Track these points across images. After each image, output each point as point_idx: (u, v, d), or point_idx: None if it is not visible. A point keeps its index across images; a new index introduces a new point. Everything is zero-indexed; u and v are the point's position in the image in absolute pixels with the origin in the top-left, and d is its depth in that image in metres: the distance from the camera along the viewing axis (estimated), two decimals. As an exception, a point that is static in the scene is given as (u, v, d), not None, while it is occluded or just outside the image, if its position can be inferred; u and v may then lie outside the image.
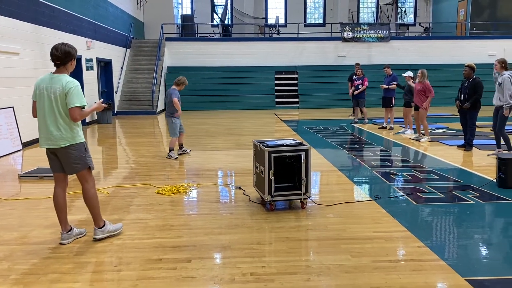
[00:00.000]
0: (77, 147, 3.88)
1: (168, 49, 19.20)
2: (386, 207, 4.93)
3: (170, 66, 19.15)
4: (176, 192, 5.58)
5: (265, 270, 3.38)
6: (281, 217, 4.62)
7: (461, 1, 22.59)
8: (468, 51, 19.58)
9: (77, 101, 3.76)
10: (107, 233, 4.04)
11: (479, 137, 9.67)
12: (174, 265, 3.48)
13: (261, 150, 4.82)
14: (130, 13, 18.79)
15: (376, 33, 19.75)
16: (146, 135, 11.73)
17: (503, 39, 20.07)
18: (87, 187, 3.97)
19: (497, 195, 5.39)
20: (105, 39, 15.23)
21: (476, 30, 21.81)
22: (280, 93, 18.99)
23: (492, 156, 7.61)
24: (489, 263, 3.60)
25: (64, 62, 3.84)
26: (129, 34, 18.39)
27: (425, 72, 9.49)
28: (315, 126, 12.41)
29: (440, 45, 19.97)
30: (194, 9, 24.25)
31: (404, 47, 19.89)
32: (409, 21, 25.57)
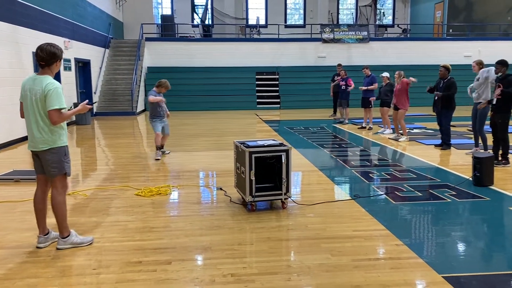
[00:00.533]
0: (57, 151, 3.79)
1: (148, 49, 19.02)
2: (366, 206, 4.99)
3: (150, 66, 18.98)
4: (156, 194, 5.53)
5: (246, 271, 3.39)
6: (262, 218, 4.63)
7: (438, 3, 23.04)
8: (445, 52, 19.98)
9: (56, 103, 3.66)
10: (69, 244, 3.84)
11: (456, 137, 9.89)
12: (154, 268, 3.46)
13: (242, 150, 4.82)
14: (109, 12, 18.54)
15: (356, 34, 19.99)
16: (125, 136, 11.60)
17: (478, 41, 20.55)
18: (55, 193, 3.83)
19: (473, 193, 5.51)
20: (84, 39, 15.00)
21: (452, 32, 22.27)
22: (261, 93, 19.03)
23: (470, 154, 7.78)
24: (465, 260, 3.68)
25: (49, 63, 3.76)
26: (108, 34, 18.15)
27: (402, 73, 9.67)
28: (296, 127, 12.47)
29: (417, 46, 20.33)
30: (174, 9, 24.09)
31: (382, 48, 20.18)
32: (388, 22, 25.93)
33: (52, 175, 3.82)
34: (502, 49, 19.12)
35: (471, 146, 8.18)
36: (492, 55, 10.37)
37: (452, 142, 8.78)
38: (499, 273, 3.38)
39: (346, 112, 13.02)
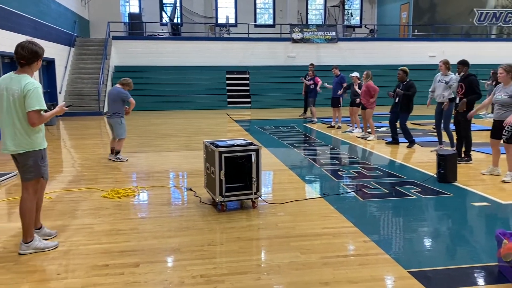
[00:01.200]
0: (34, 155, 3.66)
1: (115, 48, 18.65)
2: (334, 204, 5.06)
3: (117, 65, 18.61)
4: (123, 196, 5.43)
5: (216, 271, 3.37)
6: (233, 217, 4.62)
7: (403, 4, 23.60)
8: (410, 52, 20.52)
9: (36, 104, 3.51)
10: (32, 249, 3.71)
11: (421, 135, 10.17)
12: (122, 270, 3.39)
13: (212, 150, 4.79)
14: (74, 10, 18.07)
15: (324, 34, 20.24)
16: (92, 137, 11.33)
17: (442, 41, 21.20)
18: (25, 198, 3.72)
19: (437, 190, 5.68)
20: (47, 37, 14.55)
21: (417, 33, 22.87)
22: (232, 93, 18.98)
23: (435, 152, 8.01)
24: (431, 254, 3.78)
25: (30, 62, 3.62)
26: (73, 32, 17.69)
27: (370, 73, 9.85)
28: (267, 126, 12.51)
29: (384, 47, 20.78)
30: (142, 7, 23.70)
31: (350, 48, 20.51)
32: (355, 23, 26.39)
33: (27, 179, 3.70)
34: (465, 49, 19.77)
35: (436, 144, 8.42)
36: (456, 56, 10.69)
37: (417, 140, 9.03)
38: (462, 266, 3.49)
39: (313, 111, 13.16)
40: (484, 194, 5.45)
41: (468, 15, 23.10)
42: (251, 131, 11.53)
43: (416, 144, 8.88)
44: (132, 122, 13.05)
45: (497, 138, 6.14)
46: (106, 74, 17.16)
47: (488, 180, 6.13)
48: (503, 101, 5.92)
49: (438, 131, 8.18)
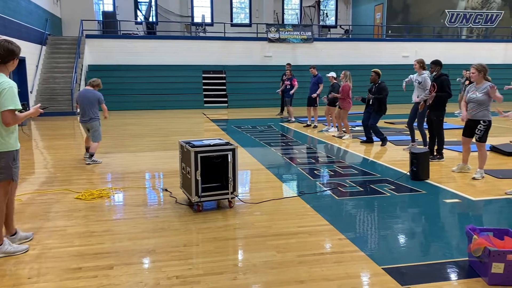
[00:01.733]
0: (6, 156, 3.56)
1: (89, 47, 18.30)
2: (310, 202, 5.09)
3: (91, 64, 18.26)
4: (97, 197, 5.33)
5: (192, 272, 3.34)
6: (209, 218, 4.60)
7: (377, 5, 23.98)
8: (384, 52, 20.87)
9: (11, 103, 3.43)
10: (2, 253, 3.62)
11: (394, 134, 10.36)
12: (95, 273, 3.32)
13: (187, 150, 4.76)
14: (45, 8, 17.62)
15: (300, 34, 20.36)
16: (65, 137, 11.08)
17: (415, 42, 21.63)
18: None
19: (411, 187, 5.79)
20: (17, 35, 14.13)
21: (391, 33, 23.28)
22: (208, 92, 18.90)
23: (407, 150, 8.18)
24: (404, 251, 3.85)
25: (6, 60, 3.54)
26: (45, 30, 17.25)
27: (348, 73, 9.96)
28: (244, 125, 12.51)
29: (359, 47, 21.05)
30: (116, 6, 23.32)
31: (326, 48, 20.70)
32: (331, 23, 26.66)
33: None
34: (437, 50, 20.25)
35: (408, 142, 8.58)
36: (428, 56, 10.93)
37: (390, 139, 9.20)
38: (435, 262, 3.56)
39: (290, 111, 13.24)
40: (456, 191, 5.59)
41: (440, 16, 23.66)
42: (228, 131, 11.50)
43: (390, 143, 9.04)
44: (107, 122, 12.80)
45: (469, 136, 6.30)
46: (79, 73, 16.82)
47: (459, 178, 6.29)
48: (476, 100, 6.07)
49: (410, 128, 8.35)
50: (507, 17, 24.38)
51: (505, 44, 22.83)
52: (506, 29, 24.29)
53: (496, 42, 23.13)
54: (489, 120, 6.04)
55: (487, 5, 24.19)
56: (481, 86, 6.06)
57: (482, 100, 5.99)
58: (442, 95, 7.13)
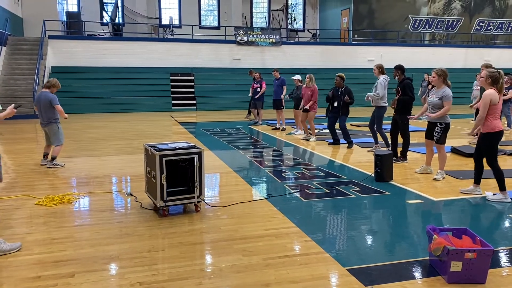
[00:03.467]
0: None
1: (52, 48, 17.77)
2: (277, 205, 5.11)
3: (54, 66, 17.73)
4: (59, 203, 5.16)
5: (156, 278, 3.28)
6: (175, 222, 4.54)
7: (344, 9, 24.42)
8: (350, 56, 21.27)
9: None
10: None
11: (359, 136, 10.55)
12: (55, 282, 3.21)
13: (152, 154, 4.68)
14: (5, 7, 17.00)
15: (269, 37, 20.47)
16: (26, 141, 10.70)
17: (380, 46, 22.16)
18: None
19: (375, 189, 5.91)
20: (-25, 35, 13.60)
21: (357, 38, 23.75)
22: (176, 95, 18.70)
23: (371, 151, 8.35)
24: (369, 251, 3.92)
25: None
26: (5, 30, 16.64)
27: (313, 77, 10.11)
28: (212, 128, 12.44)
29: (326, 51, 21.36)
30: (81, 6, 22.77)
31: (294, 51, 20.89)
32: (299, 27, 26.94)
33: None
34: (401, 54, 20.80)
35: (372, 144, 8.76)
36: (393, 60, 11.21)
37: (356, 141, 9.40)
38: (399, 261, 3.64)
39: (260, 114, 13.30)
40: (418, 192, 5.74)
41: (404, 21, 24.33)
42: (196, 134, 11.41)
43: (355, 145, 9.21)
44: (70, 125, 12.49)
45: (431, 138, 6.49)
46: (42, 75, 16.29)
47: (421, 179, 6.47)
48: (433, 103, 6.27)
49: (372, 131, 8.54)
50: (467, 23, 25.35)
51: (465, 49, 23.72)
52: (466, 35, 25.24)
53: (457, 47, 24.00)
54: (446, 122, 6.24)
55: (448, 11, 25.07)
56: (439, 90, 6.25)
57: (438, 104, 6.19)
58: (405, 98, 7.33)
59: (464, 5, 25.16)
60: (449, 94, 6.14)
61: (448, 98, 6.11)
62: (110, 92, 17.65)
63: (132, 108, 17.37)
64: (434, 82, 6.34)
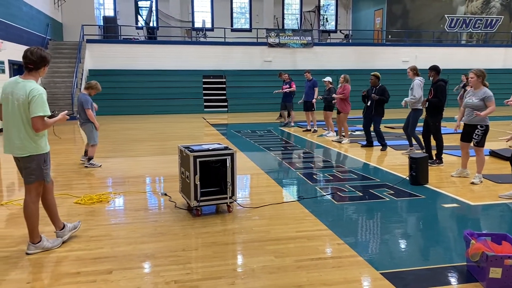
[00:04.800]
0: (37, 158, 3.71)
1: (89, 51, 18.36)
2: (309, 207, 5.10)
3: (91, 69, 18.31)
4: (96, 202, 5.34)
5: (190, 277, 3.35)
6: (208, 222, 4.60)
7: (377, 10, 24.06)
8: (384, 57, 20.90)
9: (41, 110, 3.57)
10: (41, 249, 3.81)
11: (393, 138, 10.37)
12: (94, 278, 3.33)
13: (186, 155, 4.77)
14: (46, 13, 17.70)
15: (300, 39, 20.41)
16: (65, 142, 11.07)
17: (414, 47, 21.68)
18: (27, 200, 3.77)
19: (410, 192, 5.79)
20: (19, 40, 14.20)
21: (391, 38, 23.34)
22: (208, 97, 18.94)
23: (406, 154, 8.19)
24: (403, 255, 3.85)
25: (38, 66, 3.66)
26: (46, 35, 17.32)
27: (347, 77, 10.00)
28: (243, 130, 12.52)
29: (359, 52, 21.10)
30: (117, 11, 23.42)
31: (326, 53, 20.75)
32: (331, 28, 26.73)
33: (29, 182, 3.73)
34: (437, 55, 20.30)
35: (407, 147, 8.59)
36: (428, 61, 10.96)
37: (390, 143, 9.23)
38: (434, 266, 3.57)
39: (292, 115, 13.29)
40: (455, 196, 5.59)
41: (440, 21, 23.73)
42: (227, 135, 11.51)
43: (389, 147, 9.05)
44: (107, 127, 12.87)
45: (467, 141, 6.31)
46: (80, 78, 16.86)
47: (458, 182, 6.30)
48: (473, 105, 6.08)
49: (406, 134, 8.37)
50: (507, 22, 24.46)
51: (505, 49, 22.88)
52: (506, 34, 24.36)
53: (496, 47, 23.19)
54: (486, 125, 6.05)
55: (486, 10, 24.27)
56: (479, 91, 6.07)
57: (479, 105, 6.01)
58: (432, 100, 7.17)
59: (504, 3, 24.30)
60: (490, 94, 5.99)
61: (490, 98, 5.96)
62: (144, 95, 18.06)
63: (165, 110, 17.71)
64: (472, 83, 6.17)
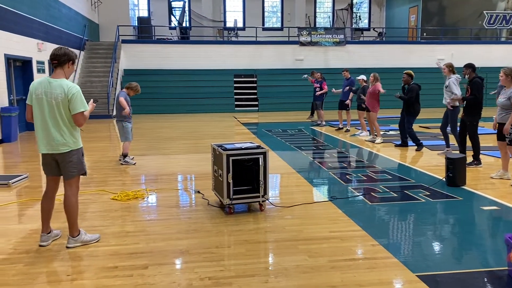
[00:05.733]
0: (77, 152, 3.89)
1: (124, 51, 18.80)
2: (342, 207, 5.05)
3: (126, 68, 18.75)
4: (132, 198, 5.46)
5: (224, 274, 3.38)
6: (240, 220, 4.63)
7: (412, 7, 23.52)
8: (419, 55, 20.39)
9: (81, 106, 3.77)
10: (80, 242, 3.95)
11: (429, 138, 10.12)
12: (131, 272, 3.41)
13: (220, 153, 4.82)
14: (84, 14, 18.25)
15: (332, 37, 20.20)
16: (101, 139, 11.42)
17: (451, 44, 21.05)
18: (69, 194, 3.92)
19: (446, 193, 5.64)
20: (58, 41, 14.70)
21: (426, 36, 22.76)
22: (239, 96, 19.04)
23: (442, 155, 7.98)
24: (440, 258, 3.76)
25: (61, 62, 3.81)
26: (83, 36, 17.86)
27: (377, 75, 9.84)
28: (274, 129, 12.52)
29: (393, 50, 20.68)
30: (151, 11, 23.87)
31: (359, 51, 20.45)
32: (364, 26, 26.33)
33: (71, 176, 3.91)
34: (474, 52, 19.63)
35: (443, 147, 8.37)
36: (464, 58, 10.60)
37: (425, 143, 9.00)
38: (471, 270, 3.46)
39: (321, 114, 13.18)
40: (494, 198, 5.41)
41: (478, 18, 22.95)
42: (258, 134, 11.54)
43: (425, 147, 8.84)
44: (141, 125, 13.15)
45: (503, 140, 6.13)
46: (115, 77, 17.30)
47: (497, 184, 6.08)
48: (501, 103, 5.98)
49: (444, 133, 8.15)
50: (550, 18, 23.40)
51: (548, 46, 21.91)
52: (549, 30, 23.31)
53: (538, 44, 22.24)
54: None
55: (528, 5, 23.29)
56: (508, 90, 5.96)
57: (506, 104, 5.96)
58: (469, 99, 6.96)
59: (547, -2, 23.26)
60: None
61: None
62: (177, 94, 18.34)
63: (197, 109, 17.93)
64: (502, 81, 6.14)
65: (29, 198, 5.62)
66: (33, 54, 12.63)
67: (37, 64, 12.89)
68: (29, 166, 7.83)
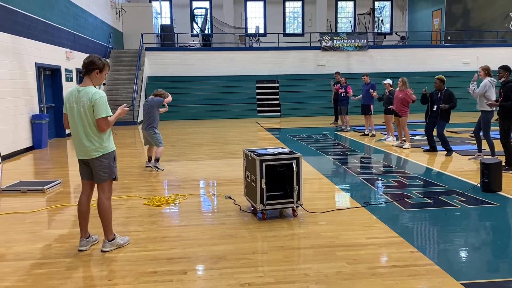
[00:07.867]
0: (108, 157, 3.97)
1: (148, 59, 19.08)
2: (376, 213, 4.98)
3: (150, 76, 19.02)
4: (165, 203, 5.51)
5: (263, 280, 3.36)
6: (274, 226, 4.61)
7: (435, 10, 23.23)
8: (443, 59, 20.10)
9: (103, 111, 3.84)
10: (115, 246, 4.03)
11: (458, 143, 9.92)
12: (170, 277, 3.43)
13: (252, 159, 4.82)
14: (109, 23, 18.62)
15: (355, 42, 20.10)
16: (128, 146, 11.58)
17: (476, 47, 20.69)
18: (103, 198, 3.99)
19: (482, 199, 5.51)
20: (85, 49, 15.03)
21: (450, 39, 22.42)
22: (262, 101, 19.09)
23: (473, 160, 7.81)
24: (482, 266, 3.66)
25: (88, 70, 3.89)
26: (108, 44, 18.21)
27: (406, 80, 9.71)
28: (298, 134, 12.48)
29: (416, 54, 20.44)
30: (173, 19, 24.20)
31: (381, 55, 20.28)
32: (386, 30, 26.10)
33: (102, 180, 3.97)
34: (500, 55, 19.21)
35: (474, 152, 8.19)
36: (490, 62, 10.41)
37: (455, 149, 8.84)
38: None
39: (346, 119, 13.09)
40: (533, 204, 5.26)
41: (504, 20, 22.48)
42: (282, 140, 11.52)
43: (454, 153, 8.67)
44: (166, 131, 13.28)
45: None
46: (140, 84, 17.57)
47: (535, 190, 5.92)
48: None
49: (477, 138, 7.98)
50: None
51: None
52: None
53: None
54: None
55: (556, 6, 22.71)
56: None
57: None
58: (504, 104, 6.77)
59: None
60: None
61: None
62: (200, 100, 18.51)
63: (220, 115, 18.04)
64: None
65: (64, 203, 5.73)
66: (62, 63, 12.93)
67: (65, 72, 13.18)
68: (60, 172, 7.98)
